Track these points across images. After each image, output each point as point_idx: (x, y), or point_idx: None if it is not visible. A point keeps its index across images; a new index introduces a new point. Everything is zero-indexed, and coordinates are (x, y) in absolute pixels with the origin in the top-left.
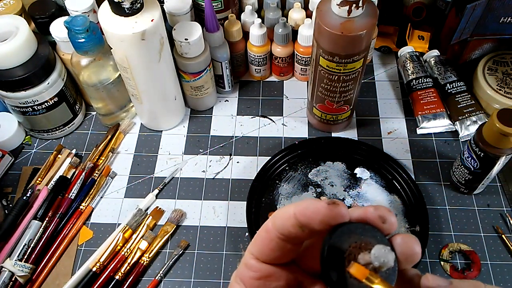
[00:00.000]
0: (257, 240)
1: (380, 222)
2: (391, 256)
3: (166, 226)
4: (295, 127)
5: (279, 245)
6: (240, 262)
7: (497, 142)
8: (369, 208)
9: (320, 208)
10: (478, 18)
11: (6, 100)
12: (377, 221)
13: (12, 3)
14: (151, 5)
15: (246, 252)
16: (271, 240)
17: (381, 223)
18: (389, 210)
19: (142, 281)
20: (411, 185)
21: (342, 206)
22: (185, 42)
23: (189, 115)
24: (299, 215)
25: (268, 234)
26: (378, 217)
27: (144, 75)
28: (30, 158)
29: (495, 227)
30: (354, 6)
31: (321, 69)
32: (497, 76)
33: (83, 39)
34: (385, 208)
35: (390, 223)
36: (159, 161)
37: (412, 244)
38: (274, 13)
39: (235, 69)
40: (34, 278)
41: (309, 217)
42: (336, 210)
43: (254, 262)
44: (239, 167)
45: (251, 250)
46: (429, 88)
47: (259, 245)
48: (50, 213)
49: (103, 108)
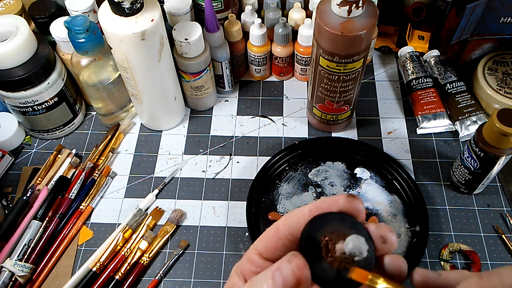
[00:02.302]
0: (265, 237)
1: (381, 241)
2: (365, 246)
3: (166, 226)
4: (295, 127)
5: (285, 245)
6: (243, 256)
7: (497, 142)
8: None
9: (338, 199)
10: (478, 18)
11: (6, 100)
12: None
13: (12, 3)
14: (151, 5)
15: (251, 247)
16: (279, 239)
17: (381, 242)
18: (391, 229)
19: (142, 281)
20: (411, 185)
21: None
22: (185, 42)
23: (189, 115)
24: (315, 210)
25: (277, 233)
26: (379, 237)
27: (144, 75)
28: (30, 158)
29: (495, 227)
30: (354, 6)
31: (321, 69)
32: (497, 76)
33: (83, 39)
34: (387, 227)
35: (390, 243)
36: (159, 161)
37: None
38: (274, 13)
39: (235, 69)
40: (34, 278)
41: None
42: (355, 202)
43: (257, 257)
44: (239, 167)
45: (256, 246)
46: (429, 88)
47: (266, 242)
48: (50, 213)
49: (103, 108)
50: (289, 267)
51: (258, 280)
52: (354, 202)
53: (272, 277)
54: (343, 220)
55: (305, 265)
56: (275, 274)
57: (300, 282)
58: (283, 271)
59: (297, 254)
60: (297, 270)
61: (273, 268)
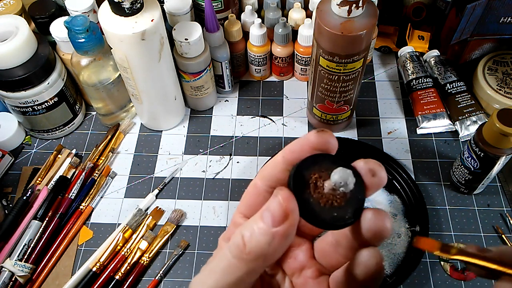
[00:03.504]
0: (245, 197)
1: (370, 175)
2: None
3: (166, 226)
4: (295, 127)
5: (267, 199)
6: (230, 223)
7: (497, 142)
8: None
9: (308, 136)
10: (478, 18)
11: (6, 100)
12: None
13: (12, 3)
14: (151, 5)
15: (235, 212)
16: (258, 195)
17: (371, 176)
18: (379, 164)
19: (142, 281)
20: (411, 185)
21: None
22: (185, 42)
23: (189, 115)
24: (288, 154)
25: (256, 189)
26: (368, 170)
27: (144, 75)
28: (30, 158)
29: (495, 227)
30: (354, 6)
31: (321, 69)
32: (497, 76)
33: (83, 39)
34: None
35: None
36: (159, 161)
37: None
38: (274, 13)
39: (235, 69)
40: (34, 278)
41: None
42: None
43: (242, 220)
44: (239, 167)
45: (240, 209)
46: (429, 88)
47: (247, 201)
48: (50, 213)
49: (103, 108)
50: (276, 200)
51: (249, 223)
52: (324, 135)
53: (261, 217)
54: (334, 161)
55: (291, 196)
56: (263, 213)
57: (287, 214)
58: (270, 206)
59: (283, 188)
60: (283, 201)
61: (262, 209)
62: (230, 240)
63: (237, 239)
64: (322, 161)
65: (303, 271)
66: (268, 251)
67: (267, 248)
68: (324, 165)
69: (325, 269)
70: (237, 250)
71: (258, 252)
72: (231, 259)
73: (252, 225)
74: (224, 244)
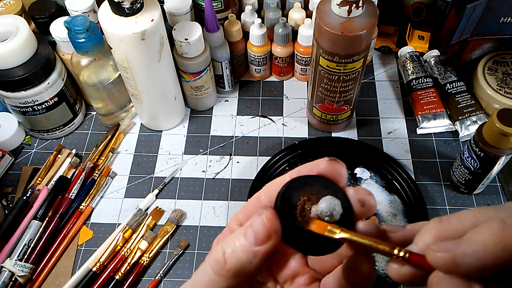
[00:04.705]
0: (246, 207)
1: (359, 205)
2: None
3: (166, 226)
4: (295, 127)
5: None
6: (225, 227)
7: (497, 142)
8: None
9: (319, 163)
10: (478, 18)
11: (6, 100)
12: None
13: (12, 3)
14: (151, 5)
15: (233, 218)
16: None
17: (360, 206)
18: (369, 193)
19: (142, 281)
20: (411, 185)
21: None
22: (185, 42)
23: (189, 115)
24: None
25: (258, 202)
26: (357, 200)
27: (144, 75)
28: (30, 158)
29: None
30: (354, 6)
31: (321, 69)
32: (497, 76)
33: (83, 39)
34: (365, 190)
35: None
36: (159, 161)
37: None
38: (274, 13)
39: (235, 69)
40: (34, 278)
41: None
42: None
43: (237, 228)
44: (239, 167)
45: (237, 216)
46: (429, 88)
47: (247, 212)
48: (50, 213)
49: (103, 108)
50: (259, 219)
51: (231, 238)
52: (335, 165)
53: (244, 234)
54: (324, 183)
55: (276, 217)
56: (247, 231)
57: (270, 234)
58: (254, 225)
59: (267, 207)
60: (266, 221)
61: (245, 225)
62: (212, 255)
63: (218, 255)
64: (314, 182)
65: (296, 279)
66: (248, 269)
67: (247, 265)
68: (315, 187)
69: (319, 275)
70: (217, 266)
71: (238, 269)
72: (211, 275)
73: (234, 241)
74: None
